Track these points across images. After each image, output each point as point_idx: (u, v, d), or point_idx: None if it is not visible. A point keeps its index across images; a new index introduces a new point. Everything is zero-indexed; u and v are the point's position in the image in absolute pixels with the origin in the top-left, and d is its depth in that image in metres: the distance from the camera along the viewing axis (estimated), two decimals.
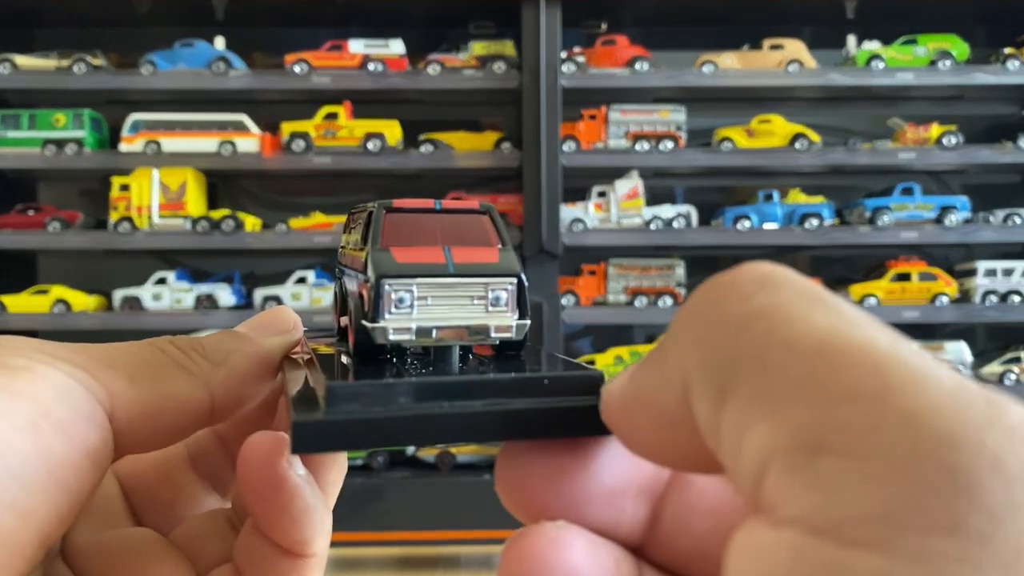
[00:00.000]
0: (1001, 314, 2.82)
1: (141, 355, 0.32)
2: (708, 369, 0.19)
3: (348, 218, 0.43)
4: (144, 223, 2.75)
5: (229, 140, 2.79)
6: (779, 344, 0.18)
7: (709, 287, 0.21)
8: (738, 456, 0.18)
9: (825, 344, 0.17)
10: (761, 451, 0.17)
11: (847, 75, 2.85)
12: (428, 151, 2.82)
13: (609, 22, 2.99)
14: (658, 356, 0.22)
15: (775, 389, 0.17)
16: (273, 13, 2.94)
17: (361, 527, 2.56)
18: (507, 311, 0.35)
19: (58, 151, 2.77)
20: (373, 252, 0.35)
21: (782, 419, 0.16)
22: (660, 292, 2.83)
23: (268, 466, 0.31)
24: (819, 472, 0.15)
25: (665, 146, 2.83)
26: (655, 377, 0.22)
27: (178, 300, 2.77)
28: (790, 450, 0.16)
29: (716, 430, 0.19)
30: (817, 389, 0.16)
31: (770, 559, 0.15)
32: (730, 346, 0.19)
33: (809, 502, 0.15)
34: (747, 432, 0.17)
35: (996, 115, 3.08)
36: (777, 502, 0.16)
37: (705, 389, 0.19)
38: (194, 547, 0.34)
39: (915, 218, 2.84)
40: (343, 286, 0.41)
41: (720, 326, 0.19)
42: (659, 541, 0.26)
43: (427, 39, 2.96)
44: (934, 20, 2.89)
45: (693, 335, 0.20)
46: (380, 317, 0.34)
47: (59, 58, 2.80)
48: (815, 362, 0.17)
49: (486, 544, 2.65)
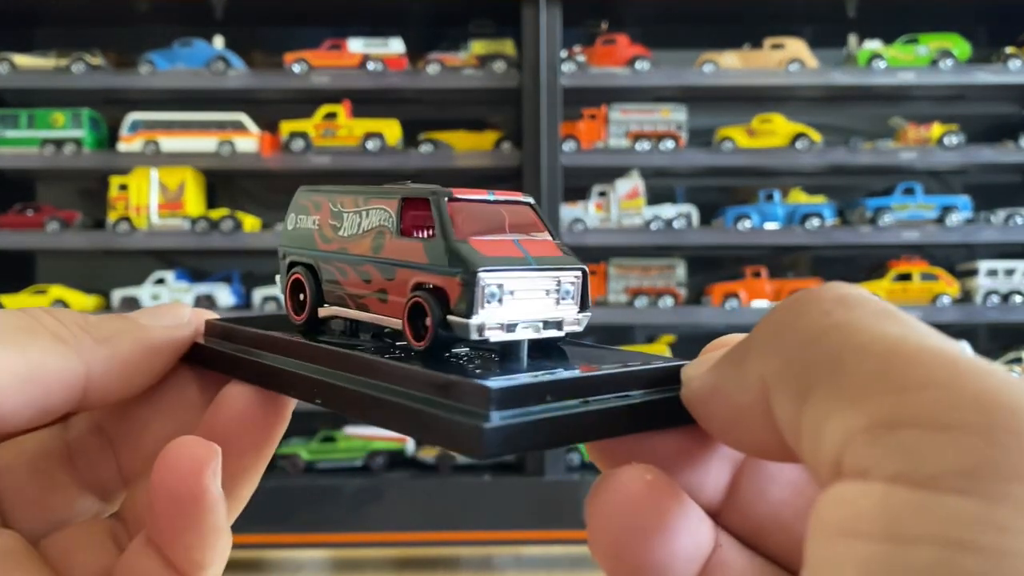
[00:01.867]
0: (1003, 314, 2.81)
1: (12, 321, 0.30)
2: (789, 374, 0.22)
3: (333, 198, 0.39)
4: (143, 223, 2.74)
5: (228, 140, 2.78)
6: (854, 349, 0.21)
7: (791, 303, 0.23)
8: (817, 443, 0.20)
9: (898, 346, 0.20)
10: (840, 434, 0.19)
11: (848, 74, 2.84)
12: (428, 151, 2.81)
13: (610, 21, 2.98)
14: (738, 358, 0.24)
15: (851, 384, 0.20)
16: (272, 12, 2.93)
17: (361, 528, 2.55)
18: (573, 305, 0.35)
19: (57, 151, 2.76)
20: (453, 243, 0.33)
21: (859, 407, 0.19)
22: (661, 292, 2.83)
23: (193, 475, 0.29)
24: (903, 442, 0.18)
25: (666, 146, 2.82)
26: (734, 376, 0.24)
27: (177, 300, 2.76)
28: (869, 428, 0.19)
29: (796, 426, 0.21)
30: (891, 382, 0.19)
31: (863, 503, 0.18)
32: (810, 353, 0.21)
33: (897, 464, 0.18)
34: (826, 422, 0.20)
35: (997, 115, 3.07)
36: (862, 467, 0.19)
37: (786, 392, 0.22)
38: (66, 560, 0.31)
39: (916, 218, 2.84)
40: (318, 273, 0.38)
41: (801, 336, 0.22)
42: (736, 507, 0.28)
43: (427, 38, 2.95)
44: (935, 19, 2.89)
45: (775, 345, 0.23)
46: (474, 312, 0.32)
47: (58, 57, 2.79)
48: (889, 361, 0.20)
49: (485, 545, 2.64)
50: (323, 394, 0.31)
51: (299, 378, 0.32)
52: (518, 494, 2.62)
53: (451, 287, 0.33)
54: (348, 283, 0.37)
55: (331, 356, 0.32)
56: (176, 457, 0.29)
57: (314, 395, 0.32)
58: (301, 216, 0.40)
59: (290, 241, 0.41)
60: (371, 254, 0.36)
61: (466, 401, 0.27)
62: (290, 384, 0.33)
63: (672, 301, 2.82)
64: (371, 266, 0.36)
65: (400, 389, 0.29)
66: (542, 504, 2.60)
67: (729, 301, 2.79)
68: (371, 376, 0.30)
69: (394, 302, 0.35)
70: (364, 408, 0.30)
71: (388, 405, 0.29)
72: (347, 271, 0.37)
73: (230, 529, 0.31)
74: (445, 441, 0.27)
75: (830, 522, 0.19)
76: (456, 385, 0.27)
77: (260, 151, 2.79)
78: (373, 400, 0.29)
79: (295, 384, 0.32)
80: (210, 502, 0.29)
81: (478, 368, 0.31)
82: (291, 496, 2.56)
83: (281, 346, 0.34)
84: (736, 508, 0.28)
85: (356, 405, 0.30)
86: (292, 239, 0.41)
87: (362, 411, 0.30)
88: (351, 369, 0.31)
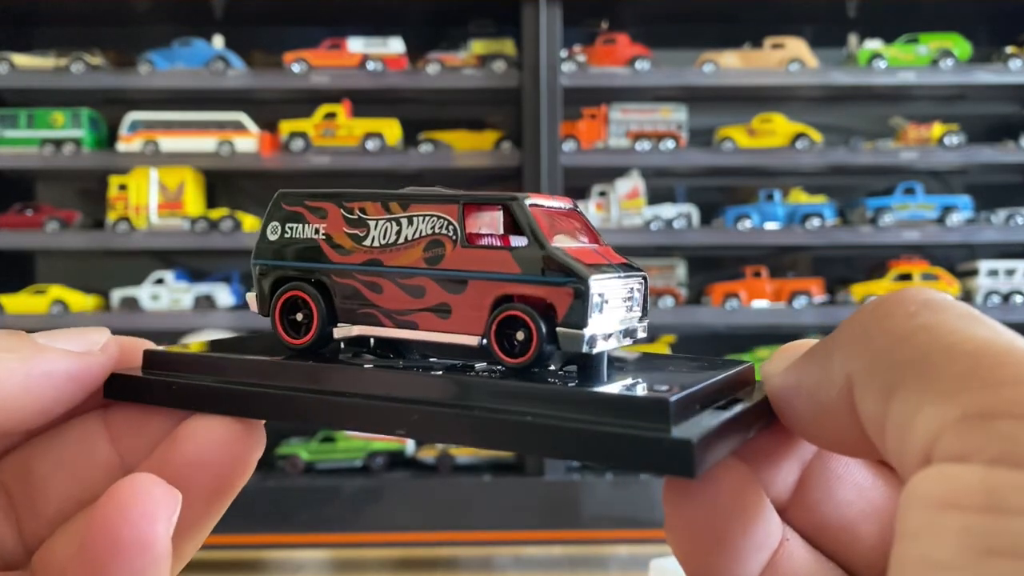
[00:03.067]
0: (1003, 314, 2.81)
1: None
2: (876, 372, 0.23)
3: (346, 203, 0.35)
4: (142, 223, 2.74)
5: (227, 139, 2.78)
6: (942, 349, 0.22)
7: (876, 305, 0.25)
8: (905, 435, 0.21)
9: (988, 346, 0.21)
10: (933, 424, 0.20)
11: (849, 74, 2.84)
12: (428, 150, 2.81)
13: (610, 21, 2.98)
14: (821, 356, 0.26)
15: (942, 380, 0.21)
16: (272, 12, 2.93)
17: (361, 528, 2.55)
18: (639, 311, 0.35)
19: (56, 150, 2.76)
20: (553, 252, 0.31)
21: (951, 401, 0.20)
22: (661, 292, 2.82)
23: (146, 520, 0.25)
24: (1001, 429, 0.19)
25: (666, 145, 2.82)
26: (817, 373, 0.26)
27: (176, 300, 2.76)
28: (964, 419, 0.20)
29: (881, 420, 0.22)
30: (983, 378, 0.20)
31: (965, 479, 0.19)
32: (897, 353, 0.22)
33: (997, 447, 0.19)
34: (916, 416, 0.21)
35: (998, 114, 3.07)
36: (961, 452, 0.19)
37: (872, 388, 0.23)
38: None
39: (917, 218, 2.83)
40: (330, 289, 0.35)
41: (887, 337, 0.23)
42: (803, 505, 0.29)
43: (426, 38, 2.95)
44: (936, 19, 2.88)
45: (860, 345, 0.24)
46: (586, 323, 0.30)
47: (57, 57, 2.79)
48: (979, 359, 0.21)
49: (485, 545, 2.64)
50: (427, 424, 0.28)
51: (374, 409, 0.29)
52: (518, 494, 2.62)
53: (558, 298, 0.31)
54: (384, 299, 0.34)
55: (424, 383, 0.29)
56: (128, 497, 0.25)
57: (403, 425, 0.28)
58: (292, 225, 0.36)
59: (275, 254, 0.36)
60: (425, 266, 0.33)
61: (644, 418, 0.25)
62: (352, 416, 0.29)
63: (672, 301, 2.81)
64: (426, 279, 0.33)
65: (554, 413, 0.26)
66: (542, 504, 2.60)
67: (729, 301, 2.79)
68: (502, 401, 0.28)
69: (464, 316, 0.32)
70: (511, 437, 0.27)
71: (552, 431, 0.26)
72: (382, 285, 0.34)
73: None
74: (641, 464, 0.25)
75: (929, 496, 0.19)
76: (631, 401, 0.26)
77: (260, 151, 2.78)
78: (525, 427, 0.26)
79: (368, 416, 0.29)
80: (159, 555, 0.25)
81: (582, 382, 0.30)
82: (291, 496, 2.56)
83: (313, 374, 0.31)
84: (803, 505, 0.30)
85: (494, 434, 0.27)
86: (278, 252, 0.36)
87: (506, 440, 0.27)
88: (467, 396, 0.28)
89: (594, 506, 2.57)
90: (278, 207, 0.37)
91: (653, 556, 1.01)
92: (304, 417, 0.30)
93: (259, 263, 0.37)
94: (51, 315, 2.70)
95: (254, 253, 0.37)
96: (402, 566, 2.71)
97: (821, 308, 2.81)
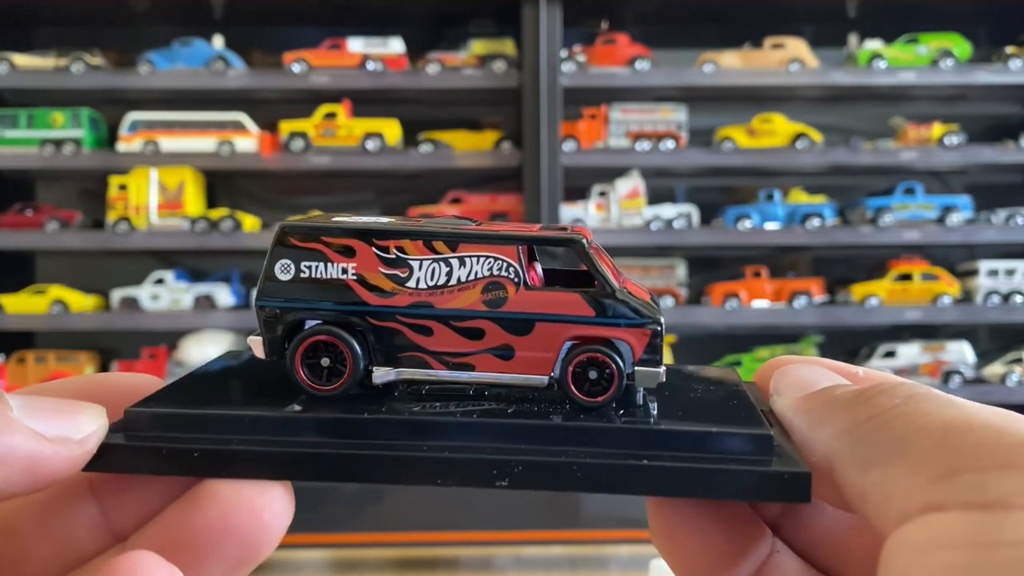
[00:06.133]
0: (1003, 314, 2.81)
1: None
2: (856, 449, 0.26)
3: (378, 241, 0.33)
4: (142, 223, 2.74)
5: (227, 139, 2.78)
6: (916, 429, 0.24)
7: (865, 394, 0.27)
8: (883, 500, 0.24)
9: (952, 423, 0.24)
10: (907, 490, 0.23)
11: (849, 74, 2.84)
12: (428, 151, 2.81)
13: (610, 21, 2.98)
14: (813, 419, 0.28)
15: (914, 453, 0.24)
16: (272, 12, 2.93)
17: (361, 528, 2.55)
18: None
19: (56, 150, 2.76)
20: (624, 294, 0.33)
21: (921, 470, 0.23)
22: (661, 292, 2.82)
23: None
24: (967, 481, 0.22)
25: (666, 145, 2.82)
26: (808, 438, 0.28)
27: (176, 300, 2.76)
28: (933, 480, 0.22)
29: (861, 488, 0.25)
30: (948, 446, 0.23)
31: (945, 523, 0.21)
32: (877, 435, 0.25)
33: (967, 495, 0.21)
34: (892, 483, 0.23)
35: (998, 114, 3.07)
36: (936, 503, 0.22)
37: (852, 462, 0.26)
38: None
39: (917, 218, 2.83)
40: (365, 333, 0.33)
41: (870, 422, 0.26)
42: (794, 520, 0.31)
43: (427, 38, 2.95)
44: (936, 19, 2.88)
45: (844, 425, 0.27)
46: (662, 361, 0.33)
47: (57, 57, 2.79)
48: (944, 434, 0.24)
49: (485, 545, 2.64)
50: (530, 475, 0.28)
51: (479, 462, 0.28)
52: (518, 494, 2.61)
53: (636, 338, 0.32)
54: (433, 342, 0.33)
55: (513, 428, 0.29)
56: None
57: (504, 476, 0.28)
58: (310, 264, 0.33)
59: (291, 296, 0.34)
60: (486, 309, 0.33)
61: (756, 451, 0.28)
62: (451, 472, 0.28)
63: (672, 301, 2.81)
64: (486, 321, 0.33)
65: (668, 453, 0.29)
66: (542, 504, 2.60)
67: (729, 301, 2.79)
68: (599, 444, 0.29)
69: (530, 358, 0.32)
70: (632, 482, 0.28)
71: (677, 473, 0.28)
72: (433, 328, 0.33)
73: None
74: (761, 495, 0.28)
75: (912, 541, 0.22)
76: (742, 438, 0.29)
77: (260, 151, 2.78)
78: (646, 472, 0.28)
79: (466, 470, 0.28)
80: None
81: (642, 418, 0.31)
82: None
83: (373, 428, 0.29)
84: (794, 521, 0.31)
85: (605, 479, 0.28)
86: (295, 293, 0.34)
87: (630, 486, 0.28)
88: (572, 441, 0.29)
89: (594, 506, 2.57)
90: (286, 242, 0.34)
91: (653, 556, 1.01)
92: (397, 478, 0.28)
93: (269, 305, 0.34)
94: (51, 315, 2.70)
95: (260, 293, 0.34)
96: (402, 566, 2.71)
97: (821, 308, 2.81)
